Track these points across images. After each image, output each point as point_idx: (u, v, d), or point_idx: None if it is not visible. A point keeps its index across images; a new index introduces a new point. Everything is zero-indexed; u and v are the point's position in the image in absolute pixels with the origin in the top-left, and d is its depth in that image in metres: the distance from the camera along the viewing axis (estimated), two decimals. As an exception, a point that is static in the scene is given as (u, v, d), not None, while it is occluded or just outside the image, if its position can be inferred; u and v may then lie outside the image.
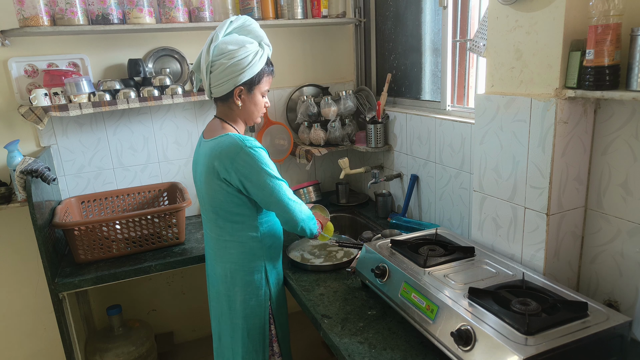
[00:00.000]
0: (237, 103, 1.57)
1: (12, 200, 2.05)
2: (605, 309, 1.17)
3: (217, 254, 1.66)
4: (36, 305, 2.42)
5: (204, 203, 1.64)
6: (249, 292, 1.64)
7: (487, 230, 1.62)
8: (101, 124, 2.34)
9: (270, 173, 1.51)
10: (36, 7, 1.89)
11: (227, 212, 1.57)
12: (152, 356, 2.43)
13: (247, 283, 1.64)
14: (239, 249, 1.62)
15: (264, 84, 1.60)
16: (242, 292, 1.64)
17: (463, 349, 1.12)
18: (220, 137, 1.52)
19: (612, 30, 1.13)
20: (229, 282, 1.64)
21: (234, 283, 1.64)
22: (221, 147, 1.49)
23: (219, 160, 1.49)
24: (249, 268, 1.63)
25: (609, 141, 1.31)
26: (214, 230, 1.64)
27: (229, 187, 1.52)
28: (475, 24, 1.91)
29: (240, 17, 1.57)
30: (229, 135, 1.51)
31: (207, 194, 1.58)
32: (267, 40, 1.59)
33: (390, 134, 2.38)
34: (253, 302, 1.65)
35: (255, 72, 1.53)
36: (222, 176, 1.50)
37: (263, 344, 1.69)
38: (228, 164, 1.48)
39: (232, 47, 1.49)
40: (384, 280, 1.48)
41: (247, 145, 1.47)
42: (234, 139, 1.49)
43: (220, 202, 1.55)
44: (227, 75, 1.50)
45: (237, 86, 1.53)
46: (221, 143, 1.50)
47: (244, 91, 1.56)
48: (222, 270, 1.65)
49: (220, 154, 1.49)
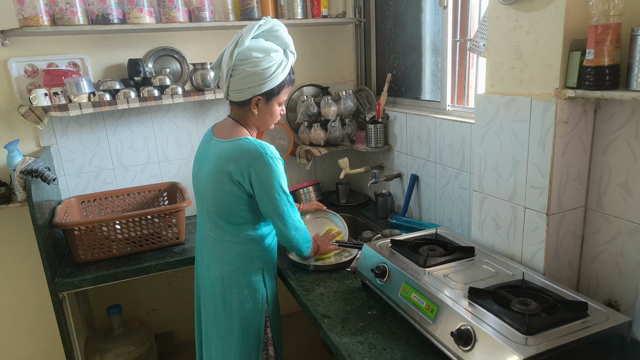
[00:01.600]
0: (254, 111, 1.55)
1: (12, 200, 2.05)
2: (605, 308, 1.17)
3: (215, 254, 1.63)
4: (36, 305, 2.42)
5: (205, 201, 1.61)
6: (246, 294, 1.62)
7: (487, 230, 1.62)
8: (101, 124, 2.34)
9: (282, 187, 1.52)
10: (36, 7, 1.89)
11: (231, 214, 1.56)
12: (152, 356, 2.43)
13: (245, 285, 1.62)
14: (238, 250, 1.60)
15: (283, 94, 1.58)
16: (239, 294, 1.61)
17: (463, 349, 1.12)
18: (239, 140, 1.51)
19: (612, 30, 1.13)
20: (226, 283, 1.62)
21: (231, 285, 1.61)
22: (240, 151, 1.48)
23: (237, 163, 1.47)
24: (248, 270, 1.62)
25: (609, 141, 1.31)
26: (213, 230, 1.62)
27: (240, 190, 1.51)
28: (475, 24, 1.91)
29: (269, 21, 1.51)
30: (249, 140, 1.51)
31: (212, 194, 1.56)
32: (293, 47, 1.56)
33: (390, 134, 2.38)
34: (250, 304, 1.63)
35: (276, 84, 1.51)
36: (236, 179, 1.49)
37: (257, 347, 1.66)
38: (245, 168, 1.47)
39: (257, 55, 1.46)
40: (384, 280, 1.48)
41: (268, 153, 1.47)
42: (254, 145, 1.48)
43: (227, 204, 1.54)
44: (247, 83, 1.48)
45: (255, 95, 1.51)
46: (240, 146, 1.49)
47: (262, 101, 1.54)
48: (219, 271, 1.62)
49: (239, 157, 1.48)
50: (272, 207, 1.53)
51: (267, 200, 1.51)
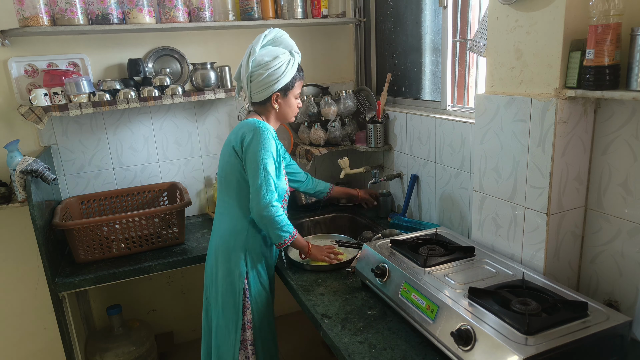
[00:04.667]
0: (275, 107, 1.76)
1: (12, 200, 2.05)
2: (606, 308, 1.17)
3: (215, 227, 1.81)
4: (36, 305, 2.42)
5: (219, 181, 1.81)
6: (227, 268, 1.72)
7: (487, 230, 1.62)
8: (101, 124, 2.34)
9: (264, 161, 1.63)
10: (36, 7, 1.89)
11: (228, 182, 1.74)
12: (152, 356, 2.43)
13: (227, 260, 1.72)
14: (228, 225, 1.74)
15: (296, 88, 1.80)
16: (223, 267, 1.73)
17: (463, 348, 1.12)
18: (245, 120, 1.75)
19: (612, 30, 1.13)
20: (218, 256, 1.75)
21: (220, 257, 1.74)
22: (241, 125, 1.73)
23: (236, 132, 1.72)
24: (231, 245, 1.72)
25: (609, 141, 1.31)
26: (218, 205, 1.82)
27: (236, 158, 1.69)
28: (475, 24, 1.91)
29: (272, 30, 1.75)
30: (253, 119, 1.73)
31: (221, 168, 1.79)
32: (297, 48, 1.78)
33: (390, 133, 2.38)
34: (229, 279, 1.72)
35: (288, 79, 1.73)
36: (233, 145, 1.70)
37: (236, 325, 1.71)
38: (240, 135, 1.68)
39: (268, 59, 1.68)
40: (384, 280, 1.48)
41: (262, 127, 1.67)
42: (253, 120, 1.71)
43: (227, 172, 1.74)
44: (265, 84, 1.70)
45: (274, 92, 1.72)
46: (243, 123, 1.74)
47: (280, 96, 1.75)
48: (214, 244, 1.78)
49: (240, 128, 1.72)
50: (251, 178, 1.65)
51: (249, 169, 1.65)
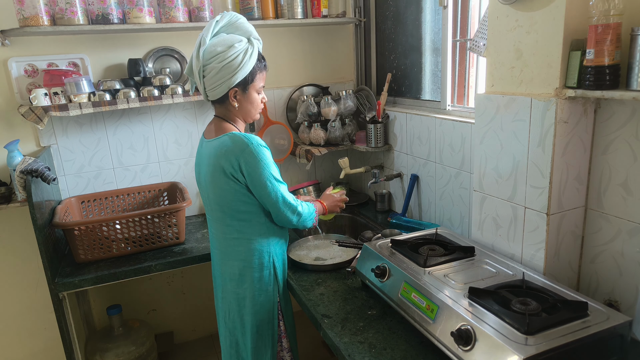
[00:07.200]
0: (234, 104, 1.59)
1: (12, 200, 2.05)
2: (606, 308, 1.17)
3: (225, 252, 1.67)
4: (36, 305, 2.42)
5: (209, 203, 1.65)
6: (257, 288, 1.65)
7: (487, 230, 1.62)
8: (101, 124, 2.34)
9: (272, 174, 1.55)
10: (36, 7, 1.89)
11: (234, 210, 1.59)
12: (152, 356, 2.43)
13: (256, 280, 1.65)
14: (247, 246, 1.63)
15: (257, 81, 1.60)
16: (251, 289, 1.65)
17: (463, 348, 1.12)
18: (224, 136, 1.54)
19: (612, 29, 1.13)
20: (236, 279, 1.65)
21: (242, 280, 1.65)
22: (227, 146, 1.51)
23: (226, 158, 1.51)
24: (258, 265, 1.64)
25: (609, 141, 1.31)
26: (220, 229, 1.66)
27: (237, 184, 1.54)
28: (475, 24, 1.91)
29: (226, 14, 1.55)
30: (234, 133, 1.54)
31: (213, 193, 1.59)
32: (257, 34, 1.59)
33: (390, 133, 2.38)
34: (262, 298, 1.66)
35: (247, 72, 1.53)
36: (230, 173, 1.52)
37: (272, 339, 1.69)
38: (234, 162, 1.50)
39: (221, 49, 1.48)
40: (384, 280, 1.48)
41: (253, 143, 1.50)
42: (239, 137, 1.51)
43: (228, 200, 1.57)
44: (220, 79, 1.51)
45: (231, 88, 1.54)
46: (226, 142, 1.52)
47: (239, 92, 1.57)
48: (229, 268, 1.66)
49: (227, 152, 1.51)
50: (265, 195, 1.55)
51: (260, 189, 1.54)
